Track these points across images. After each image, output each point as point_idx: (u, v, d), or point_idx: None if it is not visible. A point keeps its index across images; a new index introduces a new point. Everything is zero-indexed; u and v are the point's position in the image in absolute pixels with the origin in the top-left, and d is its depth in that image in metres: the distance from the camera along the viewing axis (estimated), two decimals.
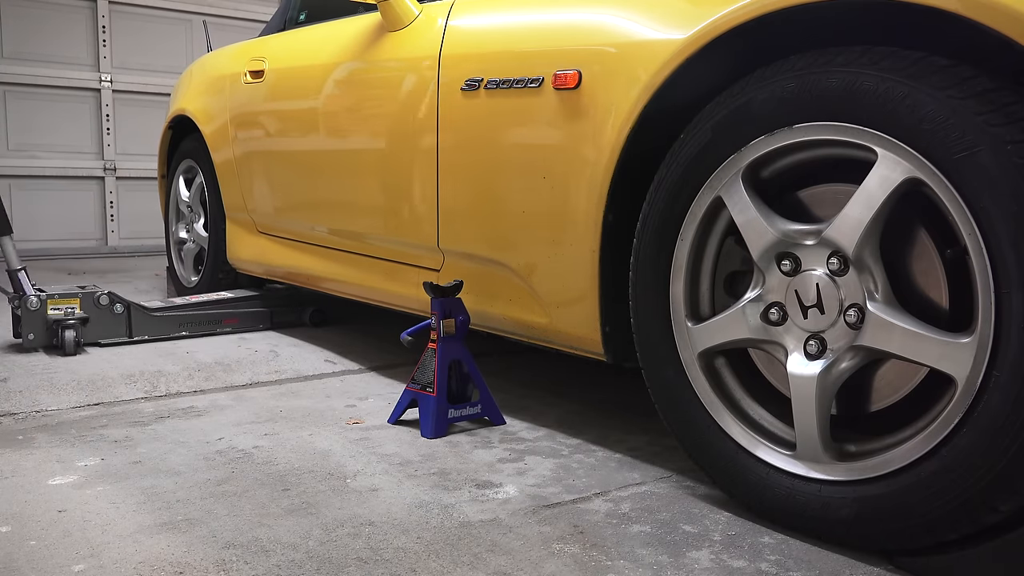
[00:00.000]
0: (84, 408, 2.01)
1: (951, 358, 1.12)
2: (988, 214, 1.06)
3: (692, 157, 1.38)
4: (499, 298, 1.85)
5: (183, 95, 3.37)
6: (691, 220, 1.40)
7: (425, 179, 1.99)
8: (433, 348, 1.82)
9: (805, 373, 1.27)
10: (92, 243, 5.58)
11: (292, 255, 2.71)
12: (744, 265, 1.42)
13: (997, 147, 1.04)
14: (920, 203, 1.20)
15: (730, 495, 1.40)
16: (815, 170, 1.33)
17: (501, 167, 1.77)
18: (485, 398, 1.89)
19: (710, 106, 1.36)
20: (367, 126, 2.21)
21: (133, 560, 1.22)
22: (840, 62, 1.19)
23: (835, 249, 1.24)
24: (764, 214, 1.31)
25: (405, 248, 2.14)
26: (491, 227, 1.82)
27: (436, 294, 1.83)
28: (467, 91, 1.83)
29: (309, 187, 2.51)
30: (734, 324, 1.37)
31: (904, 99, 1.12)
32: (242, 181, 2.90)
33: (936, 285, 1.22)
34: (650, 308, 1.47)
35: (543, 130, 1.65)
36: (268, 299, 3.03)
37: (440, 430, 1.80)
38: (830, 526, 1.25)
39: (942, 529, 1.14)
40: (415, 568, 1.20)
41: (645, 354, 1.50)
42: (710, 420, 1.40)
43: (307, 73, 2.49)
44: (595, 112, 1.54)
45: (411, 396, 1.86)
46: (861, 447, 1.27)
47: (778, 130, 1.27)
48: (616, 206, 1.55)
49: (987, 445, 1.07)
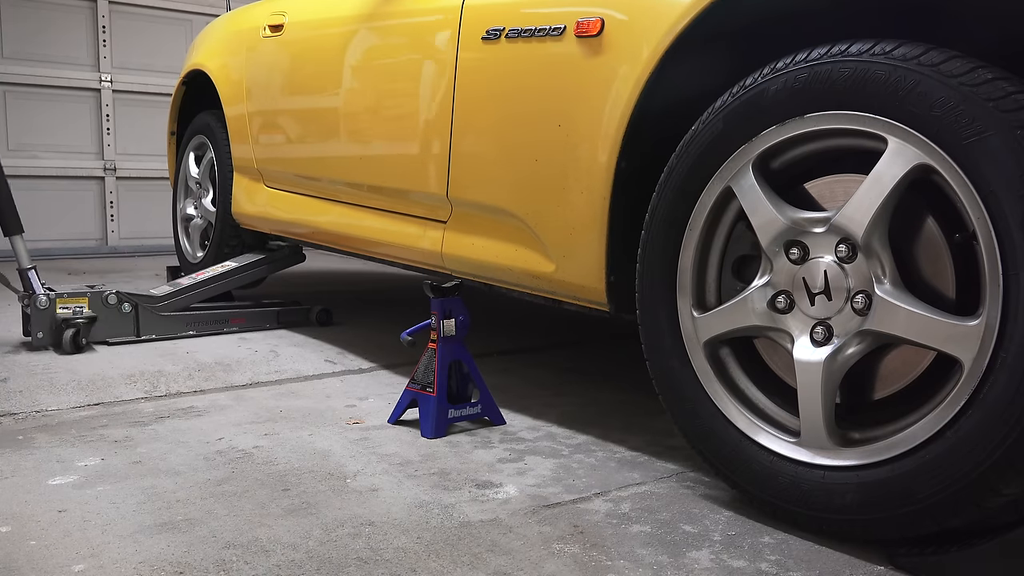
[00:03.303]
0: (84, 408, 2.01)
1: (958, 341, 1.14)
2: (997, 197, 1.09)
3: (703, 148, 1.40)
4: (505, 249, 1.87)
5: (200, 51, 3.41)
6: (700, 210, 1.42)
7: (439, 129, 2.01)
8: (433, 348, 1.82)
9: (811, 359, 1.29)
10: (92, 243, 5.59)
11: (299, 209, 2.74)
12: (753, 250, 1.43)
13: (1006, 132, 1.07)
14: (928, 194, 1.22)
15: (733, 484, 1.40)
16: (822, 163, 1.35)
17: (517, 116, 1.79)
18: (485, 398, 1.89)
19: (722, 98, 1.39)
20: (383, 76, 2.25)
21: (133, 560, 1.22)
22: (852, 52, 1.22)
23: (844, 236, 1.26)
24: (774, 202, 1.33)
25: (413, 200, 2.16)
26: (503, 176, 1.84)
27: (436, 294, 1.82)
28: (488, 40, 1.85)
29: (321, 139, 2.54)
30: (741, 312, 1.38)
31: (916, 87, 1.14)
32: (254, 134, 2.94)
33: (943, 273, 1.24)
34: (656, 298, 1.49)
35: (562, 78, 1.67)
36: (274, 299, 3.07)
37: (440, 430, 1.80)
38: (833, 512, 1.25)
39: (945, 513, 1.15)
40: (415, 568, 1.20)
41: (650, 344, 1.51)
42: (714, 408, 1.41)
43: (327, 25, 2.53)
44: (616, 59, 1.55)
45: (411, 396, 1.86)
46: (865, 434, 1.28)
47: (789, 120, 1.29)
48: (628, 154, 1.57)
49: (992, 426, 1.09)
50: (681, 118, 1.50)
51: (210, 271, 3.01)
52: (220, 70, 3.15)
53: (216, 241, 3.28)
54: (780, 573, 1.20)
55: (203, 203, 3.46)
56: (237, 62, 3.04)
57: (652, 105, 1.52)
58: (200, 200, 3.49)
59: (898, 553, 1.22)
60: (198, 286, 2.91)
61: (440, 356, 1.81)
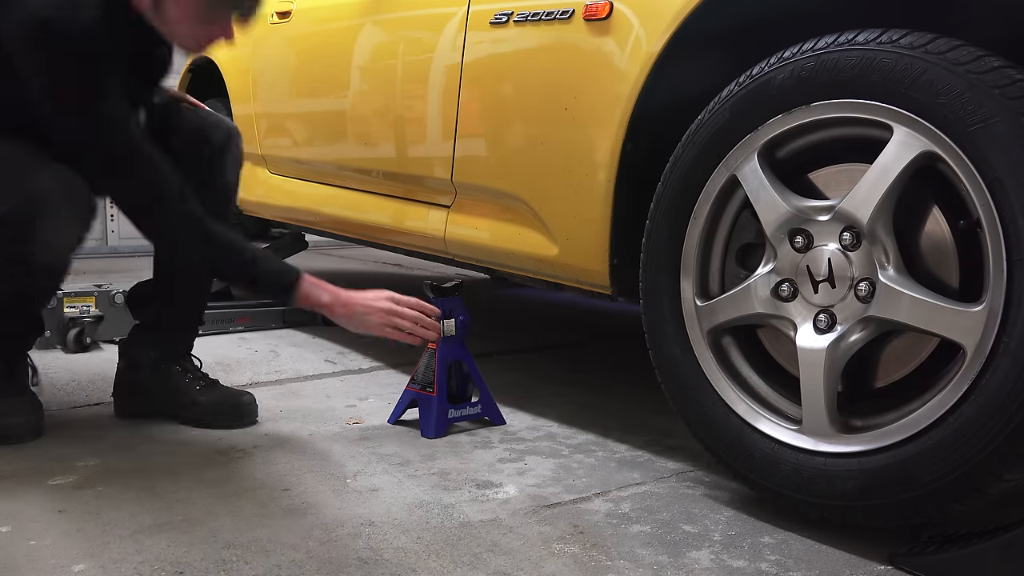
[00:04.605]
0: (84, 408, 2.01)
1: (961, 327, 1.15)
2: (1002, 184, 1.10)
3: (709, 137, 1.41)
4: (509, 232, 1.88)
5: None
6: (705, 199, 1.43)
7: (445, 113, 2.02)
8: (433, 348, 1.82)
9: (814, 346, 1.29)
10: (92, 243, 5.58)
11: (302, 195, 2.75)
12: (757, 238, 1.44)
13: (1012, 119, 1.08)
14: (932, 183, 1.23)
15: (734, 472, 1.41)
16: (826, 154, 1.36)
17: (523, 99, 1.80)
18: (485, 398, 1.89)
19: (729, 87, 1.39)
20: (390, 61, 2.25)
21: (133, 560, 1.22)
22: (859, 41, 1.23)
23: (849, 224, 1.26)
24: (779, 190, 1.34)
25: (417, 184, 2.18)
26: (508, 159, 1.85)
27: (436, 294, 1.82)
28: (496, 24, 1.86)
29: (326, 124, 2.56)
30: (744, 300, 1.39)
31: (922, 74, 1.15)
32: (258, 121, 2.95)
33: (947, 261, 1.24)
34: (660, 286, 1.50)
35: (570, 61, 1.68)
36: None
37: (440, 430, 1.80)
38: (835, 499, 1.26)
39: (946, 499, 1.15)
40: (415, 568, 1.20)
41: (652, 332, 1.52)
42: (716, 396, 1.42)
43: (333, 10, 2.54)
44: (624, 41, 1.56)
45: (411, 396, 1.85)
46: (866, 421, 1.29)
47: (795, 109, 1.30)
48: (634, 137, 1.58)
49: (995, 411, 1.09)
50: (687, 105, 1.51)
51: None
52: (226, 56, 3.17)
53: None
54: (780, 573, 1.20)
55: None
56: (244, 48, 3.05)
57: (659, 88, 1.53)
58: None
59: (898, 553, 1.22)
60: None
61: (440, 356, 1.81)
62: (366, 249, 6.11)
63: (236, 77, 3.10)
